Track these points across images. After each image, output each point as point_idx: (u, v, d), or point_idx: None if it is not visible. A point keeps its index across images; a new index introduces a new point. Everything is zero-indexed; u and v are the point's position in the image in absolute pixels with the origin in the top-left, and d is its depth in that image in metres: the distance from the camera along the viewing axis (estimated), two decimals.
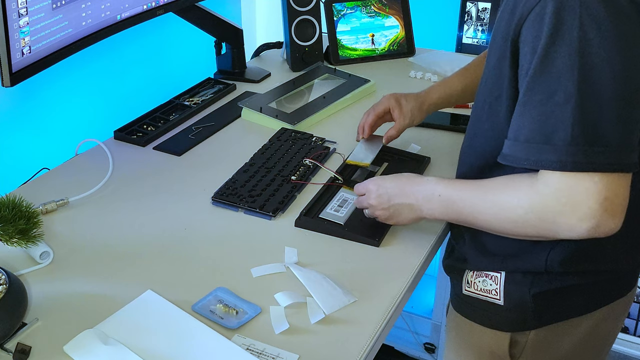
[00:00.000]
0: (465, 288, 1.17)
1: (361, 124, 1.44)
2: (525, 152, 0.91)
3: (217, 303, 1.05)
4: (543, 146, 0.89)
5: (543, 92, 0.88)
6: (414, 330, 2.28)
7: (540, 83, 0.88)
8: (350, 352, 0.97)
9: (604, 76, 0.85)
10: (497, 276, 1.12)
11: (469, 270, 1.17)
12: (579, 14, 0.85)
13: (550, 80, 0.87)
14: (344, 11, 2.01)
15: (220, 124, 1.63)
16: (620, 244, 1.09)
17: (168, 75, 1.96)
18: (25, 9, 1.24)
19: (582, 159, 0.87)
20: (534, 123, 0.89)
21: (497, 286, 1.12)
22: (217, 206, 1.30)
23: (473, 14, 2.08)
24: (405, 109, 1.38)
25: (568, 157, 0.87)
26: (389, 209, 1.14)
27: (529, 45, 0.90)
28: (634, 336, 2.21)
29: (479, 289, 1.15)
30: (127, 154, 1.49)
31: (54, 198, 1.29)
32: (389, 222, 1.17)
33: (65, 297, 1.07)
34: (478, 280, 1.15)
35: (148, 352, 0.95)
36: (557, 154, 0.88)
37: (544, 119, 0.88)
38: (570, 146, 0.87)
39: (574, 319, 1.13)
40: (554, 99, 0.87)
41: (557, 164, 0.88)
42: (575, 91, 0.86)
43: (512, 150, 0.93)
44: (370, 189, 1.16)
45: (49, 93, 1.59)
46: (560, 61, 0.86)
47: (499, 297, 1.12)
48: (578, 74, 0.86)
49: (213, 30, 1.88)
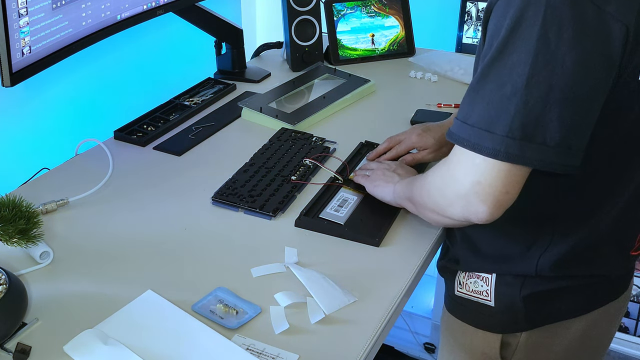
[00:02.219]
0: (458, 289, 1.18)
1: (380, 154, 1.41)
2: (467, 134, 0.93)
3: (217, 303, 1.05)
4: (484, 132, 0.90)
5: (495, 81, 0.90)
6: (414, 330, 2.28)
7: (494, 72, 0.90)
8: (350, 352, 0.97)
9: (554, 77, 0.86)
10: (489, 277, 1.12)
11: (461, 272, 1.17)
12: (544, 12, 0.85)
13: (503, 72, 0.89)
14: (344, 11, 2.01)
15: (220, 124, 1.63)
16: (610, 249, 1.10)
17: (168, 75, 1.96)
18: (25, 9, 1.24)
19: (515, 152, 0.89)
20: (481, 109, 0.91)
21: (488, 287, 1.13)
22: (217, 206, 1.30)
23: (473, 14, 2.08)
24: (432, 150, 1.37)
25: (502, 148, 0.89)
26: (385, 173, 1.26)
27: (490, 33, 0.92)
28: (634, 336, 2.21)
29: (471, 290, 1.15)
30: (127, 154, 1.49)
31: (54, 198, 1.29)
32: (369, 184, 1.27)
33: (65, 297, 1.07)
34: (470, 281, 1.15)
35: (148, 352, 0.95)
36: (493, 142, 0.90)
37: (490, 108, 0.90)
38: (507, 138, 0.89)
39: (566, 321, 1.13)
40: (503, 90, 0.89)
41: (491, 150, 0.90)
42: (523, 87, 0.87)
43: (458, 130, 0.95)
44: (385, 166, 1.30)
45: (49, 93, 1.59)
46: (516, 55, 0.88)
47: (490, 299, 1.13)
48: (529, 70, 0.87)
49: (213, 30, 1.88)
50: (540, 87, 0.87)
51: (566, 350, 1.16)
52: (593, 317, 1.15)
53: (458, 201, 0.95)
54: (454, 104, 1.71)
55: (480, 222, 0.95)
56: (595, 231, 1.06)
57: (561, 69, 0.86)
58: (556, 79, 0.86)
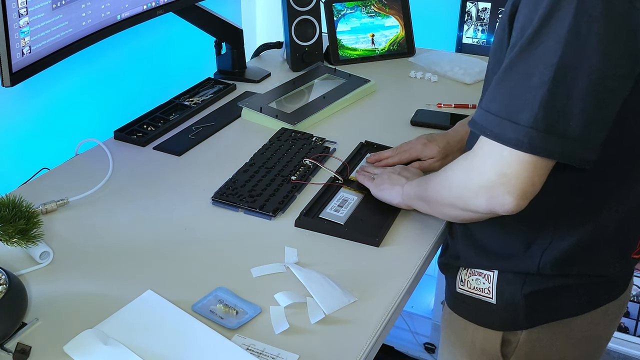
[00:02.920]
0: (459, 286, 1.18)
1: (384, 159, 1.40)
2: (490, 124, 0.93)
3: (217, 303, 1.05)
4: (507, 122, 0.91)
5: (522, 71, 0.90)
6: (414, 330, 2.28)
7: (521, 62, 0.90)
8: (350, 352, 0.97)
9: (581, 71, 0.87)
10: (490, 275, 1.13)
11: (462, 268, 1.18)
12: (576, 5, 0.85)
13: (531, 62, 0.89)
14: (344, 11, 2.01)
15: (220, 124, 1.62)
16: (612, 250, 1.10)
17: (168, 75, 1.96)
18: (25, 9, 1.24)
19: (538, 143, 0.89)
20: (507, 99, 0.91)
21: (490, 285, 1.13)
22: (217, 206, 1.30)
23: (473, 14, 2.08)
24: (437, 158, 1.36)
25: (525, 139, 0.89)
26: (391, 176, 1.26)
27: (520, 23, 0.92)
28: (634, 336, 2.21)
29: (472, 287, 1.16)
30: (127, 154, 1.49)
31: (54, 198, 1.29)
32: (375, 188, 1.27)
33: (65, 297, 1.07)
34: (471, 278, 1.16)
35: (148, 352, 0.95)
36: (516, 132, 0.90)
37: (515, 98, 0.90)
38: (531, 129, 0.89)
39: (566, 320, 1.14)
40: (530, 80, 0.89)
41: (514, 141, 0.90)
42: (550, 79, 0.87)
43: (480, 119, 0.95)
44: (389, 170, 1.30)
45: (49, 93, 1.59)
46: (545, 46, 0.88)
47: (491, 296, 1.13)
48: (558, 62, 0.87)
49: (213, 30, 1.88)
50: (567, 79, 0.87)
51: (566, 350, 1.17)
52: (593, 317, 1.15)
53: (483, 193, 0.95)
54: (454, 104, 1.71)
55: (506, 213, 0.95)
56: (598, 231, 1.06)
57: (589, 62, 0.86)
58: (583, 71, 0.86)
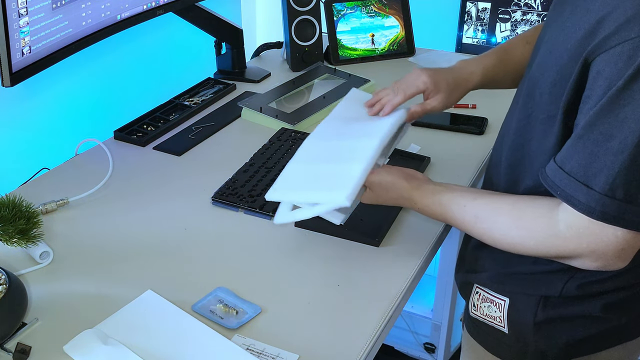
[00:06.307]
0: (472, 310, 1.14)
1: (385, 101, 1.21)
2: (562, 183, 0.89)
3: (217, 303, 1.05)
4: (580, 185, 0.87)
5: (602, 132, 0.85)
6: (414, 330, 2.28)
7: (602, 122, 0.85)
8: (350, 352, 0.97)
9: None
10: (502, 304, 1.08)
11: (475, 292, 1.13)
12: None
13: (613, 124, 0.84)
14: (344, 11, 2.01)
15: (220, 124, 1.63)
16: None
17: (168, 75, 1.96)
18: (25, 9, 1.24)
19: (613, 212, 0.85)
20: (582, 159, 0.87)
21: (502, 314, 1.08)
22: (217, 206, 1.30)
23: (473, 14, 2.08)
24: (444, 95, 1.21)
25: (597, 206, 0.85)
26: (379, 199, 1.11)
27: (605, 79, 0.84)
28: None
29: (485, 314, 1.11)
30: (127, 154, 1.50)
31: (54, 198, 1.29)
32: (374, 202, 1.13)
33: (65, 297, 1.07)
34: (483, 305, 1.11)
35: (148, 352, 0.95)
36: (588, 198, 0.86)
37: (592, 159, 0.86)
38: (605, 196, 0.85)
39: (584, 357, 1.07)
40: (609, 143, 0.84)
41: (584, 207, 0.86)
42: (633, 144, 0.82)
43: (552, 175, 0.91)
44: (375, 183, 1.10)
45: (49, 93, 1.59)
46: (630, 108, 0.82)
47: (503, 325, 1.09)
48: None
49: (213, 30, 1.88)
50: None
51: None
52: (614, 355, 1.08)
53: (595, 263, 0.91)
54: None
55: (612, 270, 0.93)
56: None
57: None
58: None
